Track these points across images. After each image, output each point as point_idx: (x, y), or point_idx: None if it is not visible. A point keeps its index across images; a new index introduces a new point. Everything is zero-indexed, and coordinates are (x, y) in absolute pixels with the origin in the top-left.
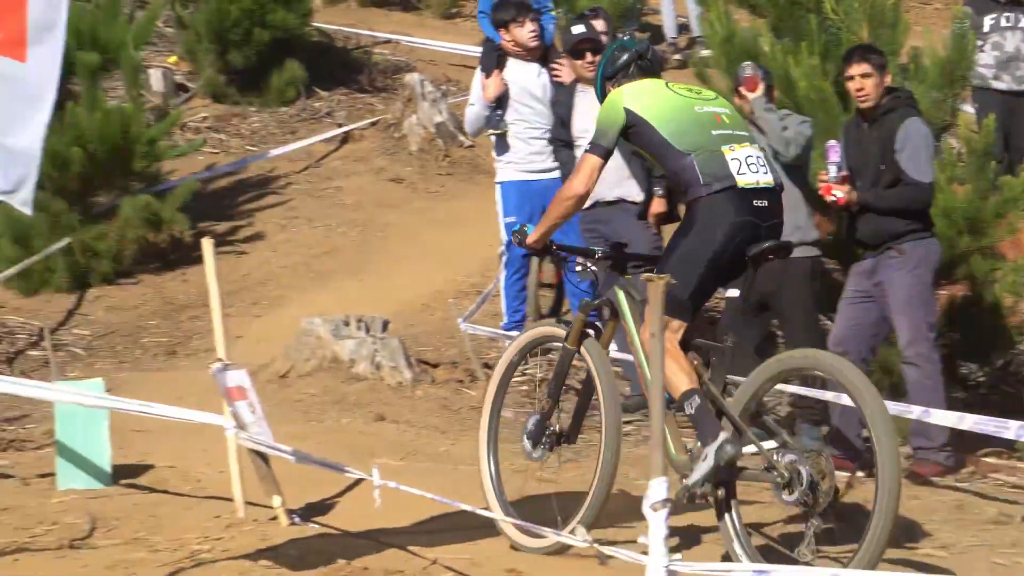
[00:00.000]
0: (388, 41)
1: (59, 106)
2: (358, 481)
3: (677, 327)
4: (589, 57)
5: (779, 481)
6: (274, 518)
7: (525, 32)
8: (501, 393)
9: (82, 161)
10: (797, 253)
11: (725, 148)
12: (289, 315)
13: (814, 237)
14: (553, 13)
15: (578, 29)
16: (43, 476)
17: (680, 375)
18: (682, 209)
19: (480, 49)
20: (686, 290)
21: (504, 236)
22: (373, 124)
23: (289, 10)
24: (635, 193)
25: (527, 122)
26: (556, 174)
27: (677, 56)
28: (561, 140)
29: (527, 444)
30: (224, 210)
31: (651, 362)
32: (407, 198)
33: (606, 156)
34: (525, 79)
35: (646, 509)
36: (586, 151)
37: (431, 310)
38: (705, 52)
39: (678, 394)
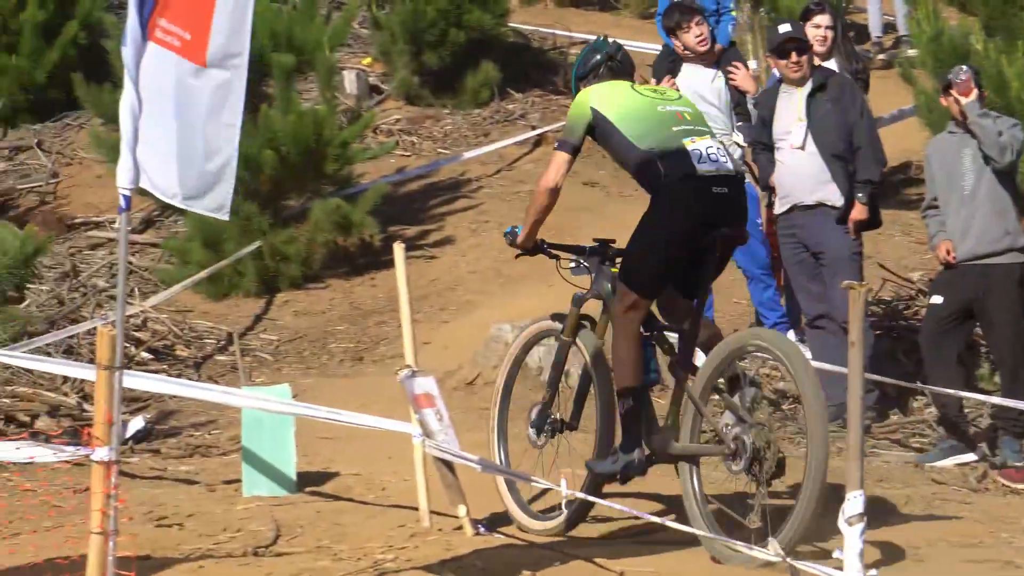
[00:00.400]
0: (584, 42)
1: (252, 108)
2: (544, 491)
3: (644, 306)
4: (794, 57)
5: (726, 452)
6: (459, 528)
7: (692, 37)
8: (509, 388)
9: (274, 164)
10: (1005, 259)
11: (686, 140)
12: (478, 321)
13: (1023, 243)
14: (733, 14)
15: (784, 28)
16: (229, 483)
17: (628, 367)
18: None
19: None
20: (647, 272)
21: None
22: None
23: (485, 10)
24: (835, 198)
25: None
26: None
27: (881, 56)
28: (761, 143)
29: (531, 432)
30: (414, 214)
31: (850, 375)
32: (600, 202)
33: (574, 152)
34: (698, 83)
35: (842, 523)
36: (555, 147)
37: None
38: (911, 51)
39: (620, 385)
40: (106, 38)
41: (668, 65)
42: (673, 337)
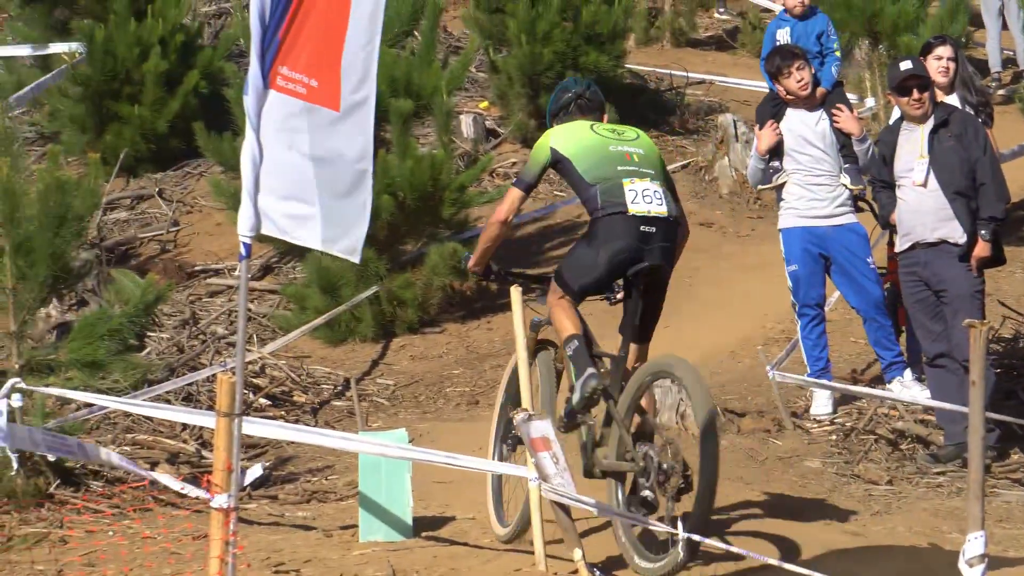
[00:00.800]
0: (701, 82)
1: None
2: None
3: (567, 303)
4: (916, 94)
5: (637, 469)
6: (575, 572)
7: (793, 81)
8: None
9: (391, 209)
10: None
11: (626, 180)
12: None
13: None
14: (837, 55)
15: (905, 65)
16: (345, 528)
17: (567, 322)
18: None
19: None
20: (572, 284)
21: (790, 285)
22: (684, 167)
23: (602, 52)
24: (957, 235)
25: (806, 170)
26: (843, 219)
27: (1001, 91)
28: (882, 180)
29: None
30: (530, 257)
31: (971, 414)
32: (716, 242)
33: (527, 190)
34: (802, 127)
35: (962, 564)
36: (512, 183)
37: (738, 357)
38: None
39: (564, 335)
40: (227, 87)
41: (772, 109)
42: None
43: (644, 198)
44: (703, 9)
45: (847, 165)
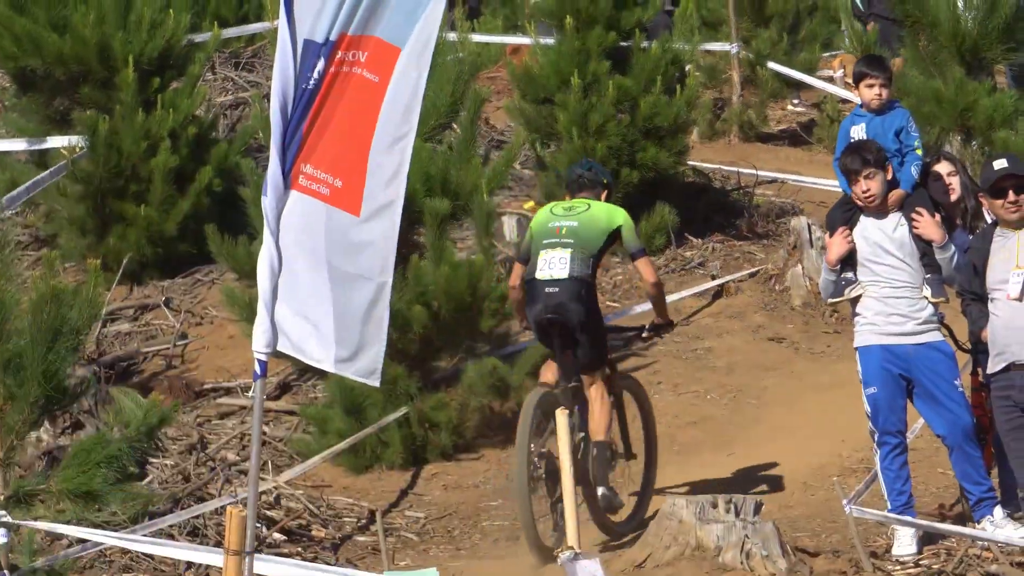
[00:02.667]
0: (773, 181)
1: (401, 259)
2: None
3: (547, 355)
4: (1012, 196)
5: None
6: None
7: (859, 189)
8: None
9: (424, 321)
10: None
11: (543, 251)
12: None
13: None
14: (919, 152)
15: (999, 164)
16: None
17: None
18: None
19: None
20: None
21: (868, 409)
22: (752, 275)
23: (662, 147)
24: None
25: (884, 281)
26: (927, 337)
27: None
28: (972, 293)
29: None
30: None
31: None
32: (788, 359)
33: (523, 263)
34: (878, 233)
35: None
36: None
37: (812, 489)
38: None
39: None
40: (243, 185)
41: (844, 215)
42: None
43: (549, 265)
44: (775, 100)
45: (929, 276)
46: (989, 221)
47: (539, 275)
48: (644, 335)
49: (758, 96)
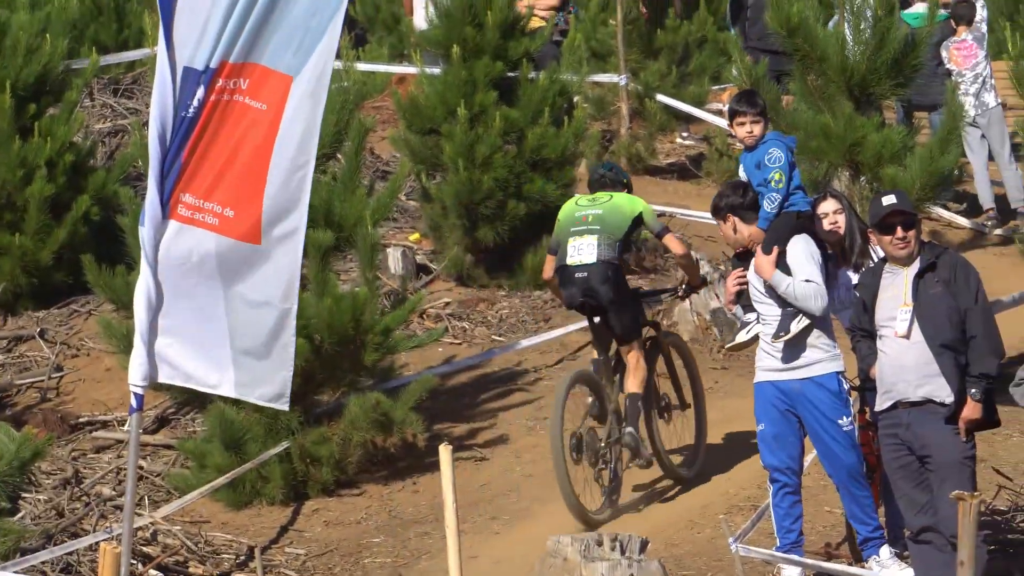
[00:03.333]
0: (661, 215)
1: None
2: None
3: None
4: (900, 232)
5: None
6: None
7: (727, 229)
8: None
9: (306, 354)
10: None
11: (571, 239)
12: (533, 533)
13: None
14: (774, 184)
15: (888, 200)
16: None
17: None
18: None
19: None
20: None
21: (760, 446)
22: None
23: (549, 179)
24: (944, 393)
25: (765, 320)
26: (811, 371)
27: (998, 231)
28: (861, 329)
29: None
30: (463, 410)
31: None
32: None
33: (554, 253)
34: (753, 273)
35: None
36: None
37: (698, 527)
38: None
39: None
40: (121, 214)
41: (745, 256)
42: None
43: (579, 252)
44: (664, 133)
45: (787, 309)
46: (876, 258)
47: (569, 261)
48: (680, 295)
49: (647, 128)
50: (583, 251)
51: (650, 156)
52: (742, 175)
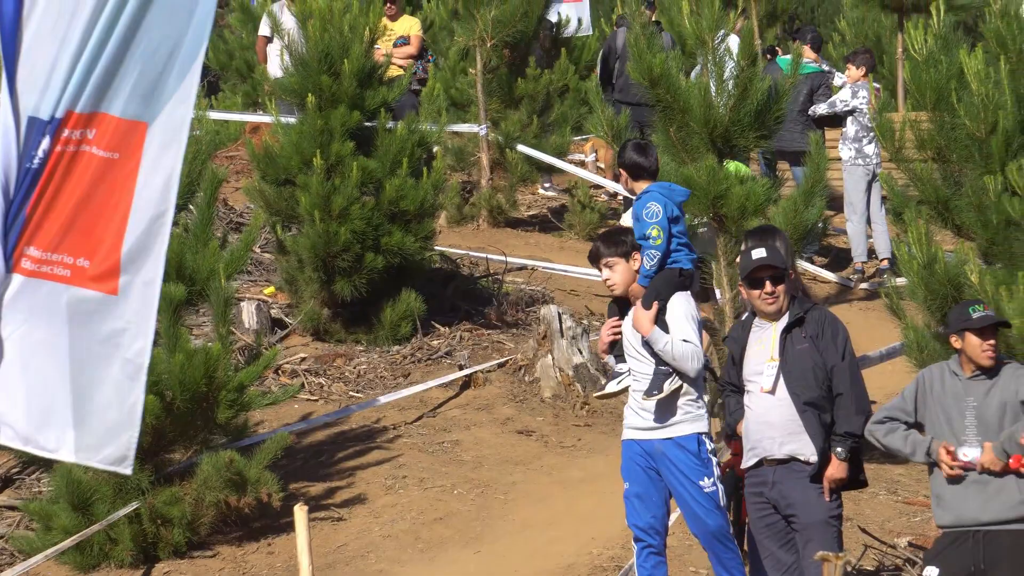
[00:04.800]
0: (523, 268)
1: None
2: None
3: None
4: (769, 287)
5: None
6: None
7: (603, 278)
8: None
9: (157, 412)
10: (1018, 527)
11: None
12: None
13: None
14: (652, 241)
15: (757, 254)
16: None
17: None
18: None
19: None
20: None
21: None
22: (500, 366)
23: (407, 232)
24: (808, 451)
25: (635, 375)
26: (670, 431)
27: (864, 286)
28: (730, 384)
29: None
30: (320, 468)
31: None
32: (537, 453)
33: None
34: (628, 326)
35: None
36: None
37: None
38: (899, 280)
39: None
40: None
41: (620, 305)
42: None
43: None
44: (525, 184)
45: (661, 368)
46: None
47: None
48: None
49: (508, 180)
50: None
51: (511, 208)
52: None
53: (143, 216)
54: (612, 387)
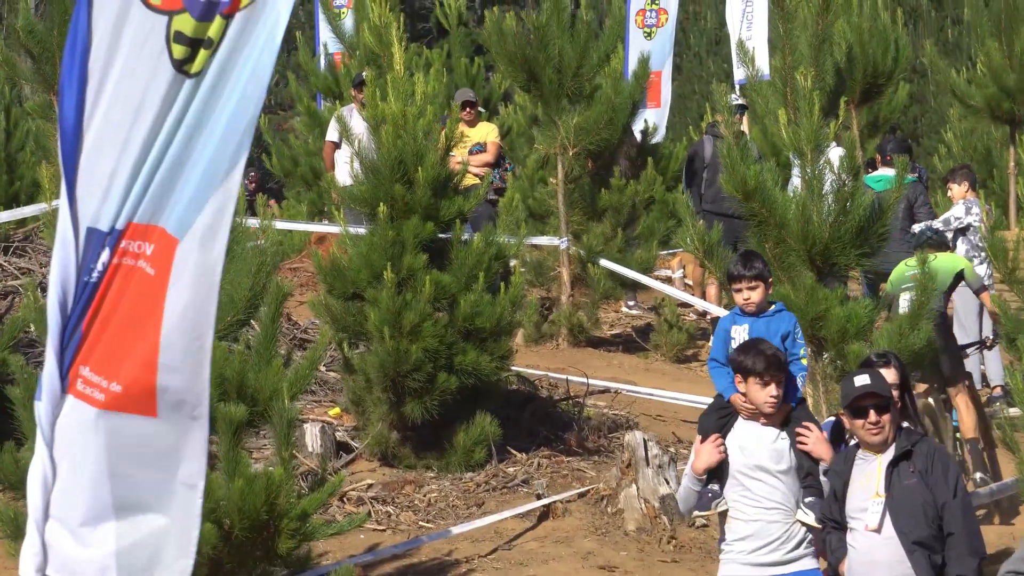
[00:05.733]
0: (606, 391)
1: None
2: None
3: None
4: (873, 416)
5: None
6: None
7: (764, 393)
8: None
9: (214, 541)
10: None
11: (902, 294)
12: None
13: None
14: (804, 362)
15: (861, 380)
16: None
17: None
18: None
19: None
20: None
21: None
22: (581, 496)
23: (483, 351)
24: None
25: (754, 499)
26: (799, 566)
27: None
28: (832, 520)
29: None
30: None
31: None
32: None
33: (887, 308)
34: (756, 445)
35: None
36: None
37: None
38: (1013, 411)
39: None
40: (11, 384)
41: (719, 421)
42: None
43: (909, 303)
44: (608, 301)
45: (809, 499)
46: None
47: (902, 311)
48: (988, 346)
49: (589, 296)
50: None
51: (593, 326)
52: (736, 338)
53: (178, 337)
54: (716, 507)
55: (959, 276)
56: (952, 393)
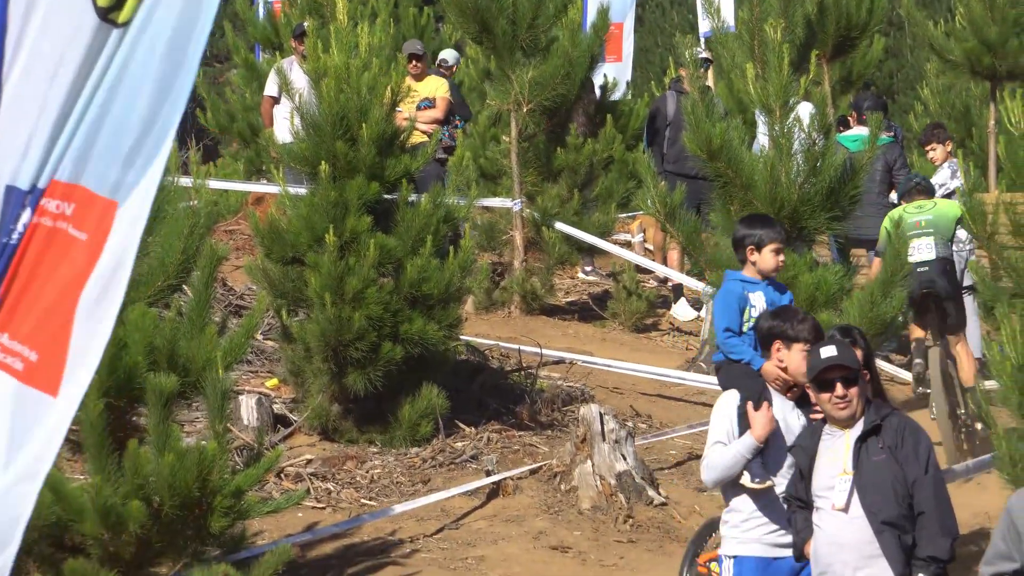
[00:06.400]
0: (560, 361)
1: (117, 445)
2: None
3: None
4: (840, 390)
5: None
6: None
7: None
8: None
9: (143, 519)
10: None
11: (912, 240)
12: None
13: None
14: None
15: (827, 352)
16: None
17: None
18: None
19: (719, 378)
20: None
21: None
22: (533, 472)
23: (431, 319)
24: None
25: (786, 478)
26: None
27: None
28: (797, 499)
29: None
30: None
31: None
32: (573, 572)
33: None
34: (786, 420)
35: None
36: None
37: None
38: (988, 384)
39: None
40: None
41: (757, 385)
42: None
43: (918, 250)
44: (563, 267)
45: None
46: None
47: (911, 259)
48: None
49: (543, 262)
50: (922, 250)
51: (547, 293)
52: (757, 306)
53: (89, 304)
54: (761, 483)
55: (959, 222)
56: (952, 341)
